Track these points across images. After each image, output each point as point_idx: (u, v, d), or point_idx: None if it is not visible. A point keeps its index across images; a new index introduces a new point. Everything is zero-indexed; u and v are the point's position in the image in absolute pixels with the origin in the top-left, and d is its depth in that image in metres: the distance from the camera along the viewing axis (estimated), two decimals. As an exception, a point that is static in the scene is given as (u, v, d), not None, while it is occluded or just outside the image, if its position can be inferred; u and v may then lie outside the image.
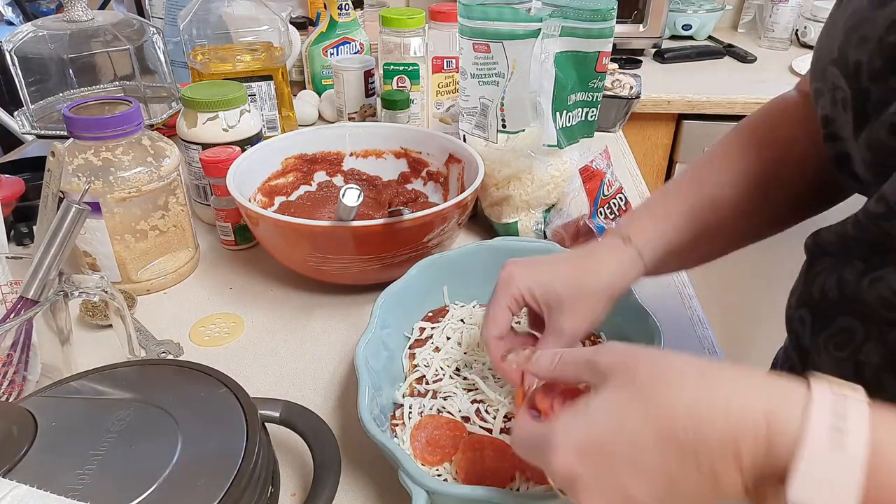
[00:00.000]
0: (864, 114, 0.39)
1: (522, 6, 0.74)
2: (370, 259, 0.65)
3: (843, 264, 0.42)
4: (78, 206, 0.50)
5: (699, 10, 1.68)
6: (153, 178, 0.67)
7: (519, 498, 0.40)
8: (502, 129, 0.74)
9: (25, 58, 0.94)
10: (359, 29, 1.20)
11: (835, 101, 0.41)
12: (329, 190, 0.83)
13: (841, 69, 0.40)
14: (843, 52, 0.39)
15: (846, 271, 0.41)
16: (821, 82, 0.43)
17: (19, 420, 0.40)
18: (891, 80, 0.36)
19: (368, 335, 0.52)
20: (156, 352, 0.62)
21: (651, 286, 0.71)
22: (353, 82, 1.01)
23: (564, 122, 0.75)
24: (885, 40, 0.36)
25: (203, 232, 0.82)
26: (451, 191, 0.81)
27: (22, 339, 0.50)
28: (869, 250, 0.40)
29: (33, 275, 0.50)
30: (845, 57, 0.39)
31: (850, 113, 0.40)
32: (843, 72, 0.40)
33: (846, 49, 0.39)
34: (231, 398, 0.44)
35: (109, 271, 0.68)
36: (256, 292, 0.72)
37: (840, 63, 0.40)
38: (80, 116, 0.64)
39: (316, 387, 0.59)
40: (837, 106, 0.41)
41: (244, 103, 0.80)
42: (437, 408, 0.51)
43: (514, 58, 0.70)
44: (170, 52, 1.05)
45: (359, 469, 0.50)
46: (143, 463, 0.38)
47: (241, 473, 0.38)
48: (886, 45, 0.36)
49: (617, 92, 1.10)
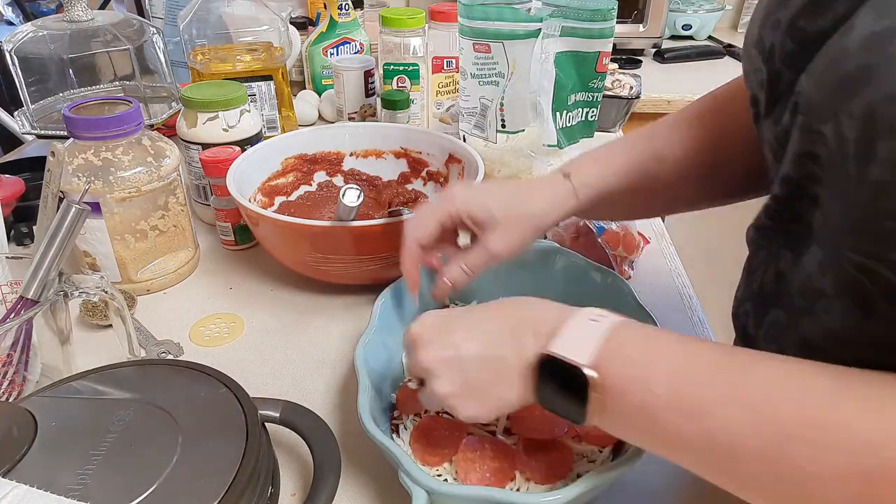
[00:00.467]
0: (774, 96, 0.40)
1: (523, 6, 0.74)
2: (370, 259, 0.64)
3: (777, 257, 0.42)
4: (78, 206, 0.50)
5: (699, 10, 1.68)
6: (153, 178, 0.67)
7: (519, 498, 0.41)
8: (501, 129, 0.74)
9: (25, 58, 0.94)
10: (359, 29, 1.20)
11: (758, 83, 0.42)
12: (329, 190, 0.83)
13: (759, 51, 0.41)
14: (761, 34, 0.41)
15: (781, 263, 0.42)
16: (747, 63, 0.44)
17: (19, 420, 0.40)
18: (799, 63, 0.36)
19: (368, 335, 0.52)
20: (156, 352, 0.62)
21: (651, 286, 0.71)
22: (353, 82, 1.01)
23: (564, 122, 0.75)
24: (796, 24, 0.36)
25: (203, 232, 0.82)
26: (451, 191, 0.81)
27: (22, 339, 0.50)
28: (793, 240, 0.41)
29: (33, 275, 0.50)
30: (762, 39, 0.40)
31: (765, 94, 0.41)
32: (761, 54, 0.40)
33: (763, 31, 0.40)
34: (231, 398, 0.44)
35: (109, 271, 0.68)
36: (256, 292, 0.72)
37: (759, 45, 0.41)
38: (80, 116, 0.64)
39: (316, 387, 0.59)
40: (758, 87, 0.42)
41: (244, 103, 0.80)
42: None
43: (515, 58, 0.70)
44: (170, 52, 1.05)
45: (359, 469, 0.50)
46: (143, 463, 0.38)
47: (241, 473, 0.38)
48: (797, 30, 0.36)
49: (617, 92, 1.10)
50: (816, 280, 0.36)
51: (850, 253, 0.32)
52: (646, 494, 0.48)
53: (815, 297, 0.36)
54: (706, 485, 0.36)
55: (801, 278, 0.38)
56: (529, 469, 0.45)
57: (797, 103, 0.36)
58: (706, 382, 0.34)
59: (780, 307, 0.41)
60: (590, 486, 0.39)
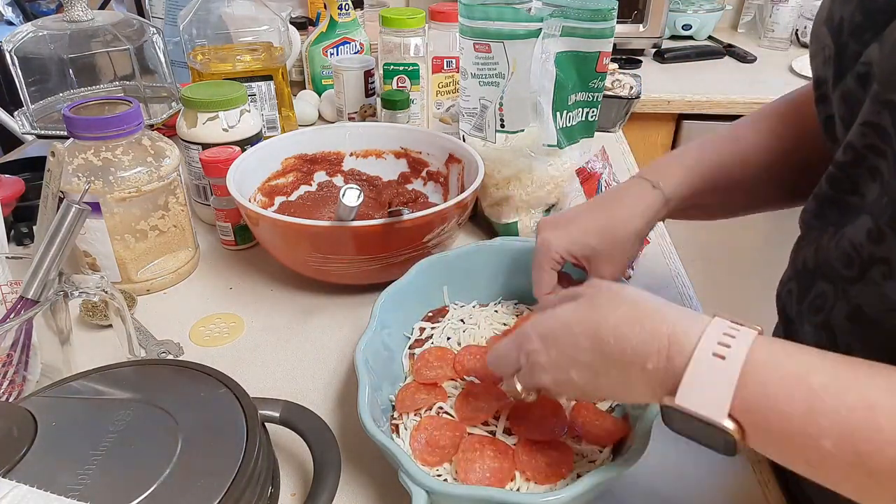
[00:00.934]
0: (841, 68, 0.40)
1: (523, 6, 0.74)
2: (370, 259, 0.64)
3: (821, 233, 0.43)
4: (78, 206, 0.50)
5: (699, 10, 1.68)
6: (153, 178, 0.67)
7: (519, 498, 0.40)
8: (501, 129, 0.74)
9: (25, 58, 0.94)
10: (359, 29, 1.20)
11: (824, 60, 0.42)
12: (329, 190, 0.83)
13: (828, 27, 0.41)
14: (831, 10, 0.41)
15: (823, 239, 0.43)
16: (815, 44, 0.44)
17: (19, 420, 0.40)
18: (866, 35, 0.37)
19: (368, 335, 0.52)
20: (156, 352, 0.62)
21: (651, 286, 0.71)
22: (353, 82, 1.01)
23: (564, 122, 0.75)
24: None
25: (203, 232, 0.82)
26: (451, 191, 0.81)
27: (22, 339, 0.50)
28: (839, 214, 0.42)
29: (33, 275, 0.50)
30: (832, 15, 0.41)
31: (832, 68, 0.41)
32: (829, 29, 0.41)
33: (833, 7, 0.41)
34: (231, 398, 0.44)
35: (109, 271, 0.68)
36: (256, 292, 0.72)
37: (828, 21, 0.42)
38: (80, 116, 0.64)
39: (316, 387, 0.59)
40: (825, 64, 0.42)
41: (244, 103, 0.80)
42: (437, 408, 0.51)
43: (515, 58, 0.70)
44: (170, 52, 1.05)
45: (359, 469, 0.50)
46: (143, 463, 0.38)
47: (241, 473, 0.38)
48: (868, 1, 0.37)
49: (617, 92, 1.10)
50: (868, 248, 0.37)
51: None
52: (646, 494, 0.48)
53: (870, 265, 0.37)
54: (707, 485, 0.36)
55: (844, 248, 0.39)
56: (529, 469, 0.45)
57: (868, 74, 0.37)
58: (892, 441, 0.29)
59: (826, 279, 0.42)
60: (590, 486, 0.39)
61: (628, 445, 0.45)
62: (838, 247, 0.40)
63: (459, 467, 0.46)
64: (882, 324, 0.37)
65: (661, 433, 0.39)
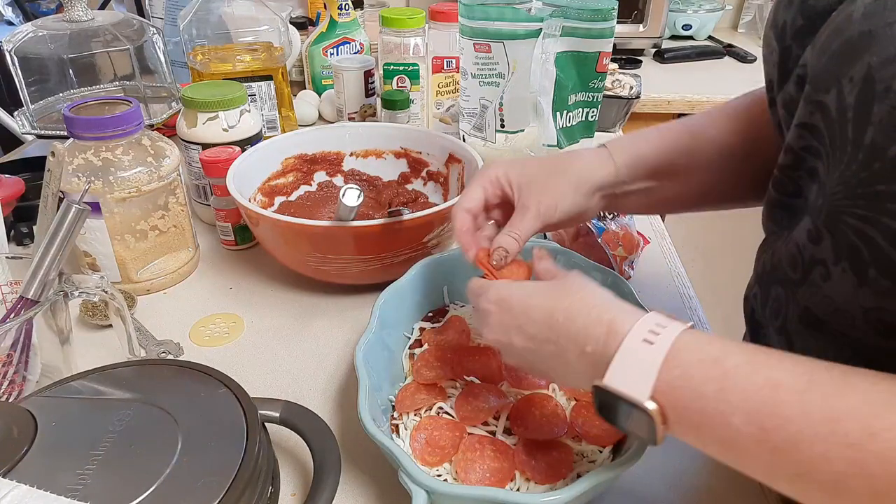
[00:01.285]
0: (785, 72, 0.41)
1: (523, 6, 0.74)
2: (370, 259, 0.64)
3: (777, 237, 0.44)
4: (78, 206, 0.50)
5: (699, 10, 1.68)
6: (153, 178, 0.67)
7: (519, 498, 0.40)
8: (501, 129, 0.74)
9: (25, 58, 0.94)
10: (359, 29, 1.20)
11: (772, 63, 0.43)
12: (329, 190, 0.83)
13: (773, 31, 0.42)
14: (776, 13, 0.42)
15: (778, 242, 0.43)
16: (765, 48, 0.45)
17: (19, 420, 0.40)
18: (807, 38, 0.38)
19: (368, 335, 0.52)
20: (156, 352, 0.62)
21: (651, 286, 0.71)
22: (353, 82, 1.01)
23: (564, 122, 0.75)
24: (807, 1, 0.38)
25: (203, 232, 0.82)
26: (451, 191, 0.81)
27: (22, 339, 0.50)
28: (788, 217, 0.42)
29: (33, 275, 0.50)
30: (776, 19, 0.42)
31: (777, 71, 0.42)
32: (774, 34, 0.42)
33: (777, 12, 0.42)
34: (231, 398, 0.44)
35: (109, 271, 0.68)
36: (256, 292, 0.72)
37: (773, 26, 0.42)
38: (80, 116, 0.64)
39: (316, 387, 0.59)
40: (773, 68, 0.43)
41: (244, 103, 0.80)
42: (437, 408, 0.51)
43: (515, 58, 0.70)
44: (170, 52, 1.05)
45: (359, 469, 0.50)
46: (143, 463, 0.38)
47: (241, 473, 0.38)
48: (808, 6, 0.38)
49: (617, 92, 1.10)
50: (810, 249, 0.37)
51: (849, 219, 0.33)
52: (646, 495, 0.48)
53: (811, 266, 0.37)
54: (707, 484, 0.36)
55: (790, 250, 0.40)
56: (529, 469, 0.45)
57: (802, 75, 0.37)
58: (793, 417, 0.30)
59: (779, 283, 0.42)
60: (590, 486, 0.39)
61: (628, 446, 0.45)
62: (787, 250, 0.41)
63: (459, 467, 0.46)
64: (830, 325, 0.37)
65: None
